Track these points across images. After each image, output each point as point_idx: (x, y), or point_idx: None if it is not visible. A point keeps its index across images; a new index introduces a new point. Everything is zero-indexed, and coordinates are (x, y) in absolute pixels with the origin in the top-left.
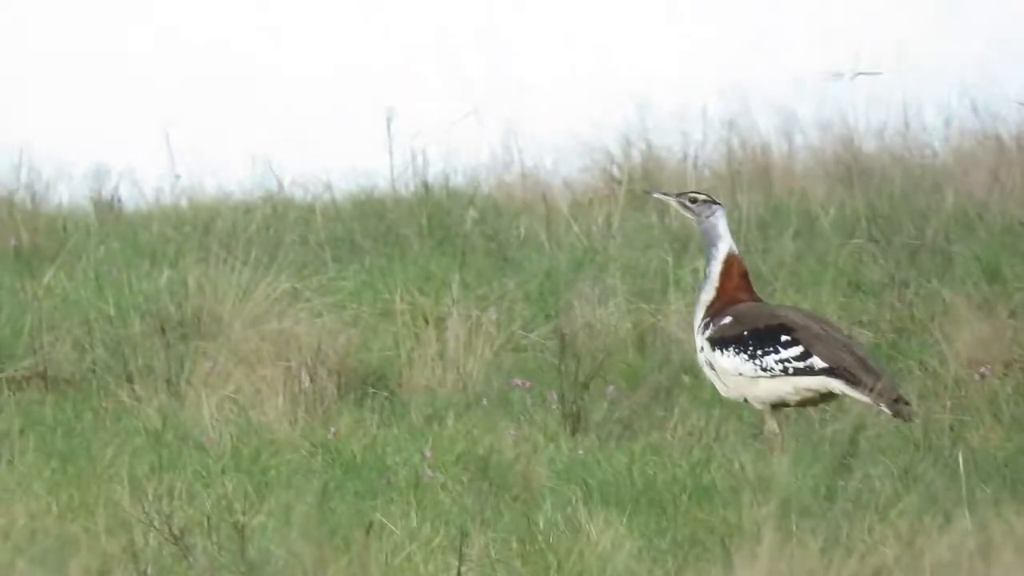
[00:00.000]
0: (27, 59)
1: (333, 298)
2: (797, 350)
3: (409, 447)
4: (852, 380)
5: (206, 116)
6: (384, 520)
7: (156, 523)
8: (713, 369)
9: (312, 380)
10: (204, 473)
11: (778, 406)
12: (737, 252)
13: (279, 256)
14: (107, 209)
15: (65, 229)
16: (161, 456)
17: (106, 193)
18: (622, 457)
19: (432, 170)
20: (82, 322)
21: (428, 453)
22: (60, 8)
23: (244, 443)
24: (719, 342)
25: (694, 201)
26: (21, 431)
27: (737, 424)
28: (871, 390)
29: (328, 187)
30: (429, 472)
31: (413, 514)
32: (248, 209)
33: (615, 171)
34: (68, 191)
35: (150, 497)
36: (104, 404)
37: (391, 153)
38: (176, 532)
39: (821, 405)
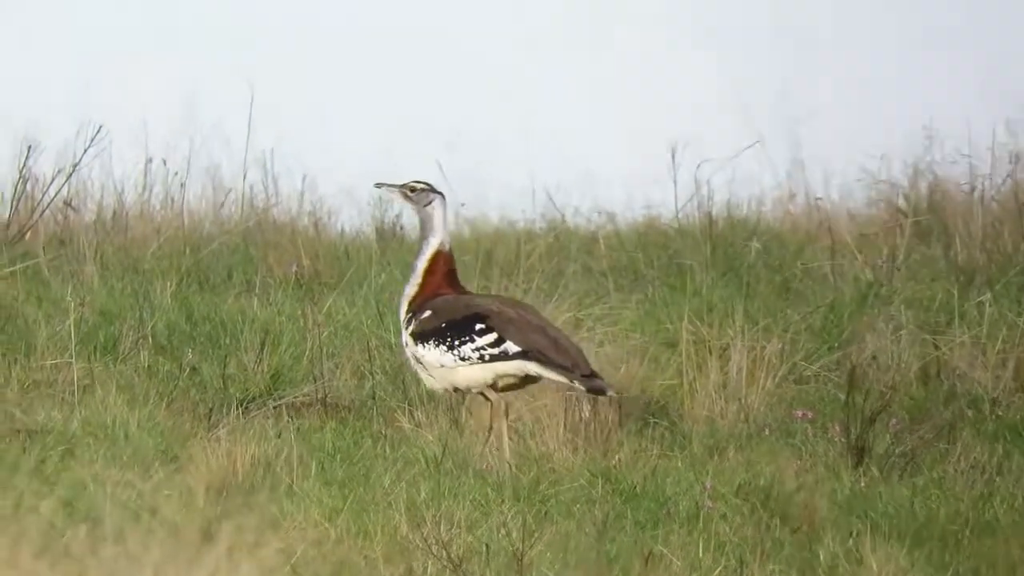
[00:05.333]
0: (312, 86)
1: (615, 327)
2: (491, 337)
3: (690, 477)
4: (545, 360)
5: (489, 144)
6: (664, 550)
7: (435, 550)
8: (420, 363)
9: (593, 409)
10: (483, 501)
11: (485, 392)
12: (447, 248)
13: (561, 285)
14: (389, 235)
15: (347, 256)
16: (440, 483)
17: (388, 220)
18: (904, 491)
19: (716, 200)
20: (363, 349)
21: (709, 484)
22: (337, 34)
23: (524, 471)
24: (420, 336)
25: (413, 190)
26: (301, 457)
27: (1021, 459)
28: (563, 368)
29: (611, 217)
30: (709, 503)
31: (693, 545)
32: (531, 238)
33: (901, 202)
34: (350, 218)
35: (429, 524)
36: (384, 431)
37: (675, 183)
38: (455, 559)
39: (525, 388)
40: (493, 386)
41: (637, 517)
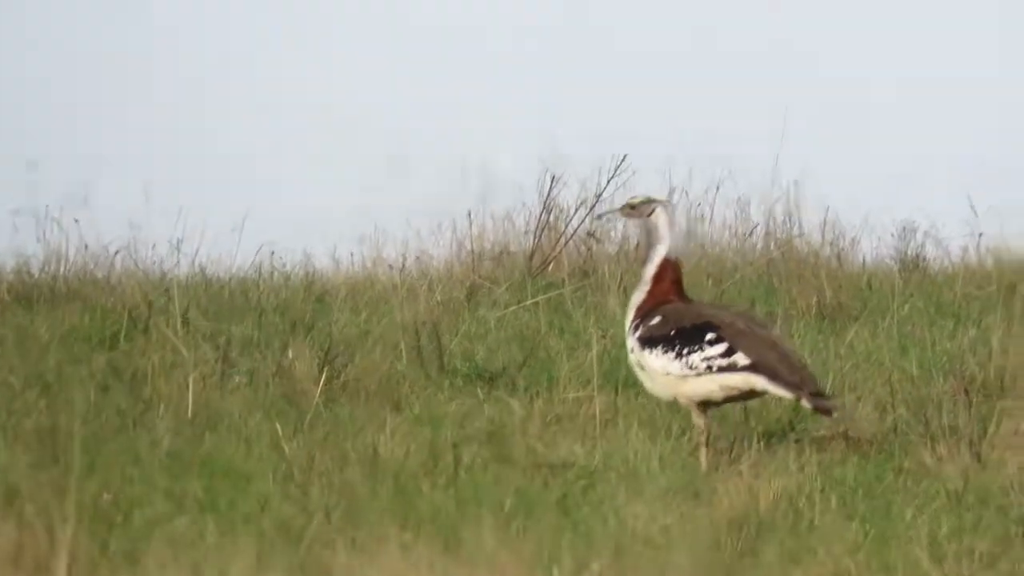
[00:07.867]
0: (841, 115)
1: None
2: (721, 347)
3: None
4: (773, 375)
5: (1016, 175)
6: None
7: None
8: (643, 369)
9: None
10: (1005, 536)
11: (705, 404)
12: (675, 256)
13: None
14: (912, 267)
15: (870, 287)
16: (962, 518)
17: (911, 251)
18: None
19: None
20: (884, 381)
21: None
22: (863, 69)
23: None
24: (648, 342)
25: (632, 207)
26: (822, 490)
27: None
28: (792, 385)
29: None
30: None
31: None
32: None
33: None
34: (872, 249)
35: (950, 559)
36: (905, 465)
37: None
38: None
39: (748, 401)
40: (713, 400)
41: None
